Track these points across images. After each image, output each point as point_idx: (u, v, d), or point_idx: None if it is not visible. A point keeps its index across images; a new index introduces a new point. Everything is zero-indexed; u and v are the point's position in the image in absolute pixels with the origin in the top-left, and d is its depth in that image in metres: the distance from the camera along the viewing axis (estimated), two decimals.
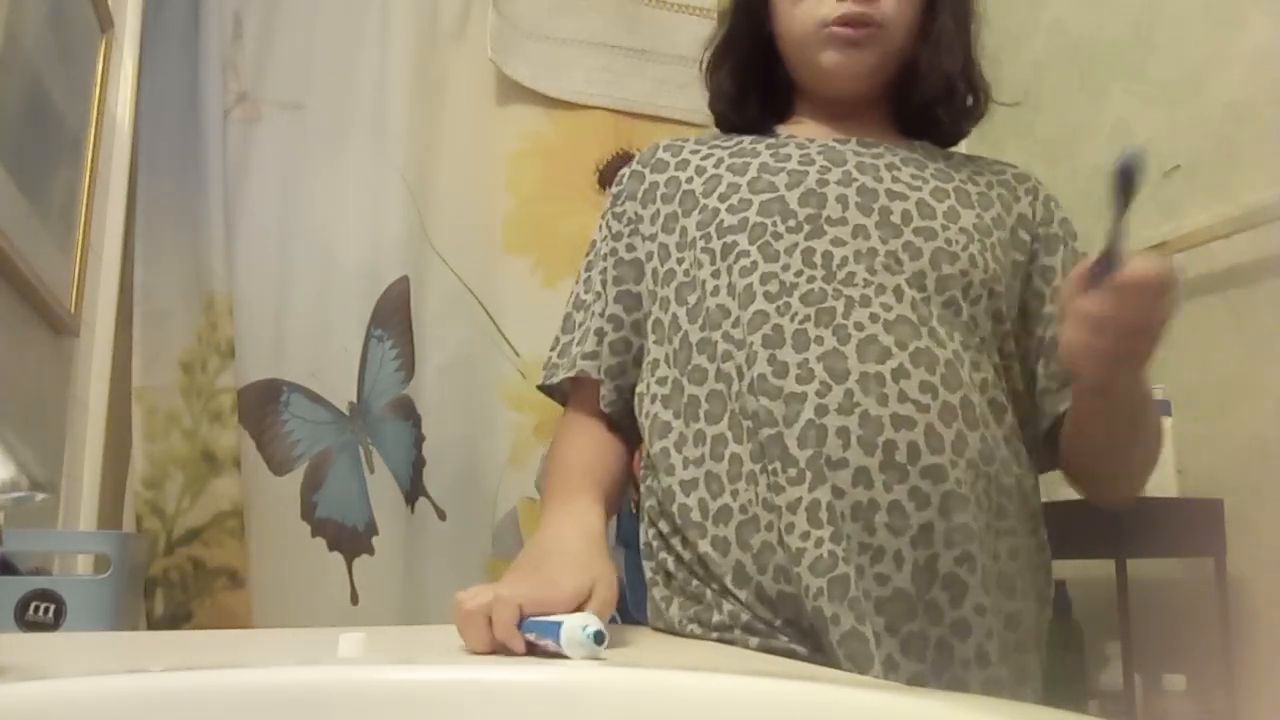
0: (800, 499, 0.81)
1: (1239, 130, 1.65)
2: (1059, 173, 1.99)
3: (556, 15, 2.05)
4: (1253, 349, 1.60)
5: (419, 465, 1.81)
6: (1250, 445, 1.59)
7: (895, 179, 0.93)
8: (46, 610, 1.01)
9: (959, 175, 0.96)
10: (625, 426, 1.00)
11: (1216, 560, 1.57)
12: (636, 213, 1.00)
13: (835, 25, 0.92)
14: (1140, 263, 0.70)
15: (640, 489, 0.97)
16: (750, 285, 0.88)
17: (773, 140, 0.99)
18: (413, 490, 1.79)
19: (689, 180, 0.97)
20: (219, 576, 1.65)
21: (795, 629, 0.83)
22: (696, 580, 0.88)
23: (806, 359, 0.84)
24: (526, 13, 2.02)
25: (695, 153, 1.00)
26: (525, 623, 0.65)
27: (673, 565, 0.90)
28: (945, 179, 0.95)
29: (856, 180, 0.92)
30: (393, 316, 1.83)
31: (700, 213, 0.94)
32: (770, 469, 0.83)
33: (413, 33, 1.93)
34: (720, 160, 0.97)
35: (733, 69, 1.03)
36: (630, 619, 0.99)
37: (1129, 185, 0.68)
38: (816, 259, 0.88)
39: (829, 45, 0.94)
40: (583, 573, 0.75)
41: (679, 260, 0.94)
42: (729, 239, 0.91)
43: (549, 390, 1.03)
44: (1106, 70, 1.92)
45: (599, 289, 1.00)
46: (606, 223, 1.03)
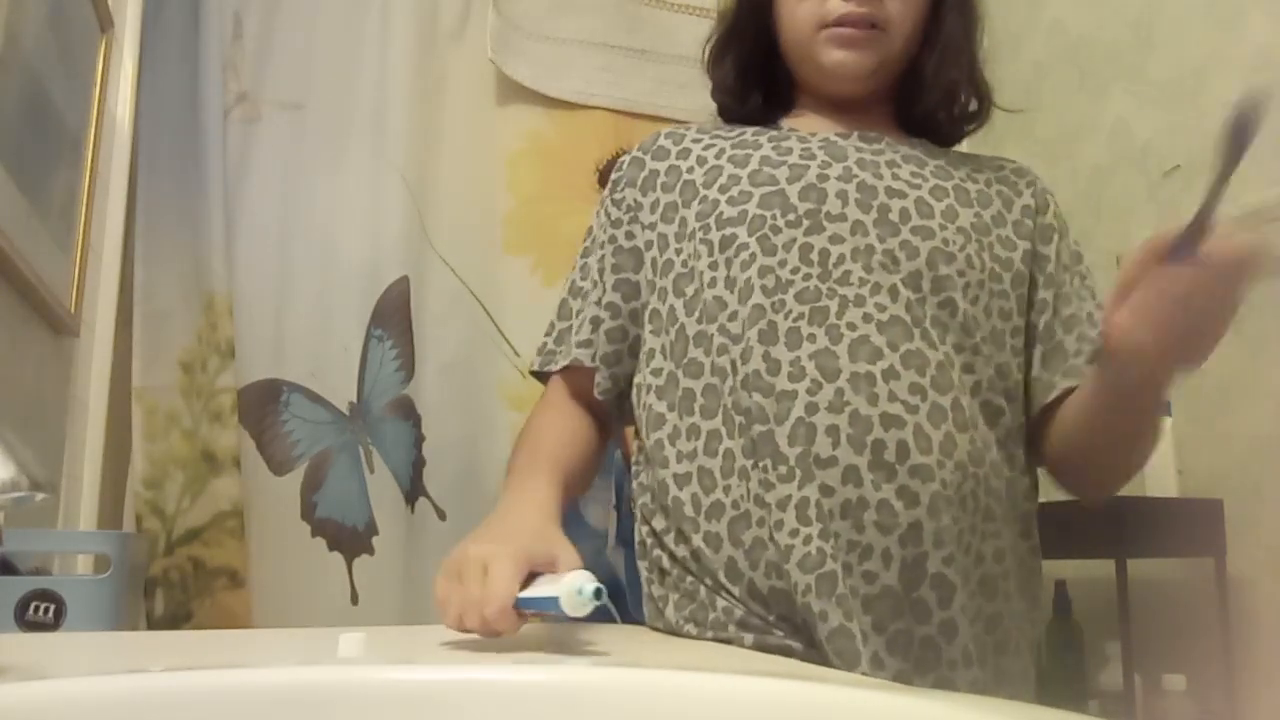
0: (790, 496, 0.81)
1: None
2: (1059, 173, 1.99)
3: (556, 15, 2.05)
4: (1253, 349, 1.60)
5: (419, 465, 1.81)
6: (1250, 445, 1.59)
7: (895, 176, 0.92)
8: (46, 610, 1.01)
9: (958, 173, 0.96)
10: (609, 416, 1.00)
11: (1216, 560, 1.57)
12: (636, 200, 0.99)
13: (837, 25, 0.92)
14: (1233, 237, 0.60)
15: (634, 484, 0.97)
16: (749, 278, 0.88)
17: (775, 133, 0.98)
18: (413, 490, 1.79)
19: (690, 170, 0.97)
20: (219, 576, 1.65)
21: (789, 624, 0.83)
22: (691, 576, 0.88)
23: (799, 357, 0.84)
24: (526, 13, 2.02)
25: (697, 142, 0.99)
26: (526, 599, 0.65)
27: (667, 562, 0.90)
28: (944, 177, 0.94)
29: (857, 176, 0.91)
30: (393, 316, 1.83)
31: (700, 203, 0.94)
32: (761, 465, 0.83)
33: (413, 33, 1.93)
34: (722, 151, 0.97)
35: (735, 62, 1.02)
36: (630, 619, 0.99)
37: (1241, 145, 0.57)
38: (814, 255, 0.88)
39: (830, 44, 0.93)
40: (544, 544, 0.74)
41: (677, 250, 0.94)
42: (728, 231, 0.90)
43: (542, 377, 1.02)
44: (1106, 70, 1.92)
45: (596, 276, 0.99)
46: (605, 209, 1.02)
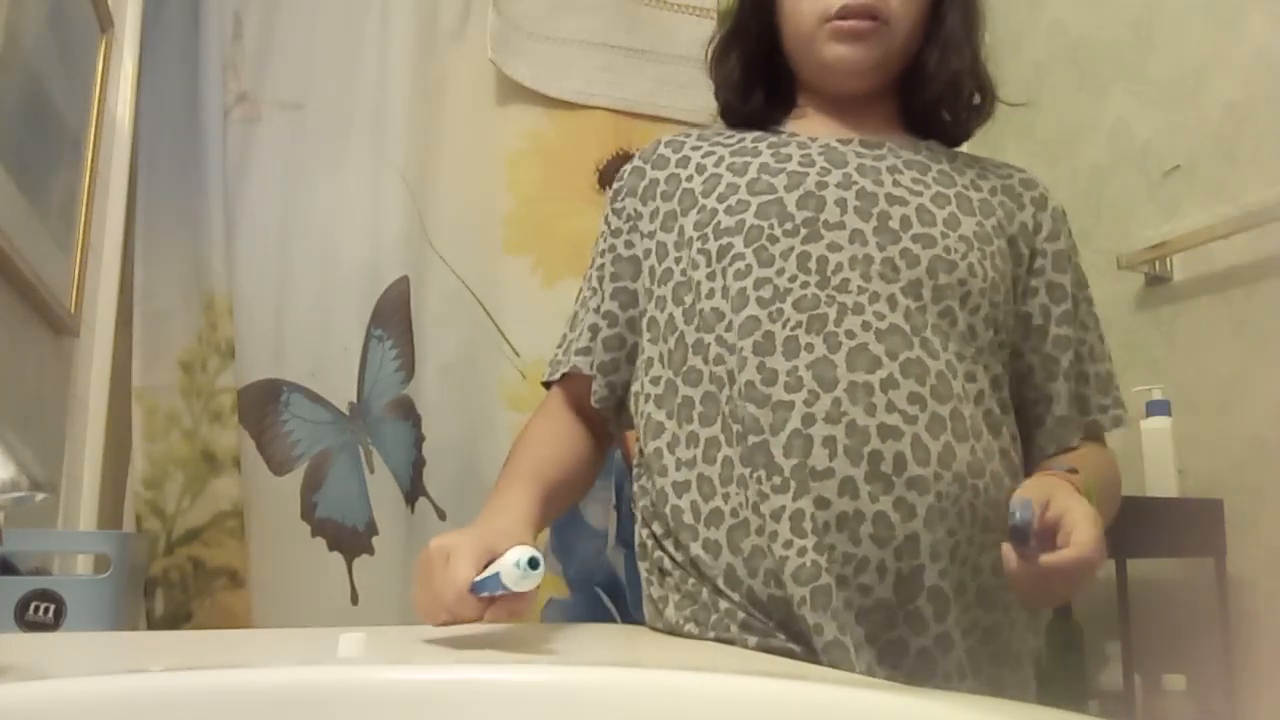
0: (784, 508, 0.81)
1: (1239, 130, 1.65)
2: (1059, 173, 1.99)
3: (556, 15, 2.05)
4: (1253, 349, 1.60)
5: (419, 465, 1.81)
6: (1250, 445, 1.59)
7: (896, 183, 0.91)
8: (46, 610, 1.00)
9: (962, 180, 0.95)
10: (606, 423, 1.00)
11: (1216, 560, 1.57)
12: (636, 209, 0.99)
13: (839, 17, 0.92)
14: (1067, 551, 0.73)
15: (635, 488, 0.97)
16: (744, 289, 0.87)
17: (774, 139, 0.98)
18: (413, 490, 1.79)
19: (689, 179, 0.97)
20: (219, 576, 1.64)
21: (789, 631, 0.82)
22: (692, 580, 0.87)
23: (796, 366, 0.83)
24: (526, 13, 2.02)
25: (696, 149, 0.99)
26: (479, 581, 0.68)
27: (668, 564, 0.90)
28: (948, 183, 0.93)
29: (857, 183, 0.90)
30: (393, 316, 1.83)
31: (699, 212, 0.93)
32: (756, 477, 0.83)
33: (413, 33, 1.93)
34: (721, 159, 0.96)
35: (739, 60, 1.02)
36: (630, 619, 0.99)
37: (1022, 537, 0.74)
38: (811, 264, 0.87)
39: (833, 38, 0.93)
40: (508, 540, 0.73)
41: (676, 260, 0.94)
42: (725, 241, 0.90)
43: (548, 386, 1.03)
44: (1106, 70, 1.92)
45: (596, 285, 1.00)
46: (606, 219, 1.03)
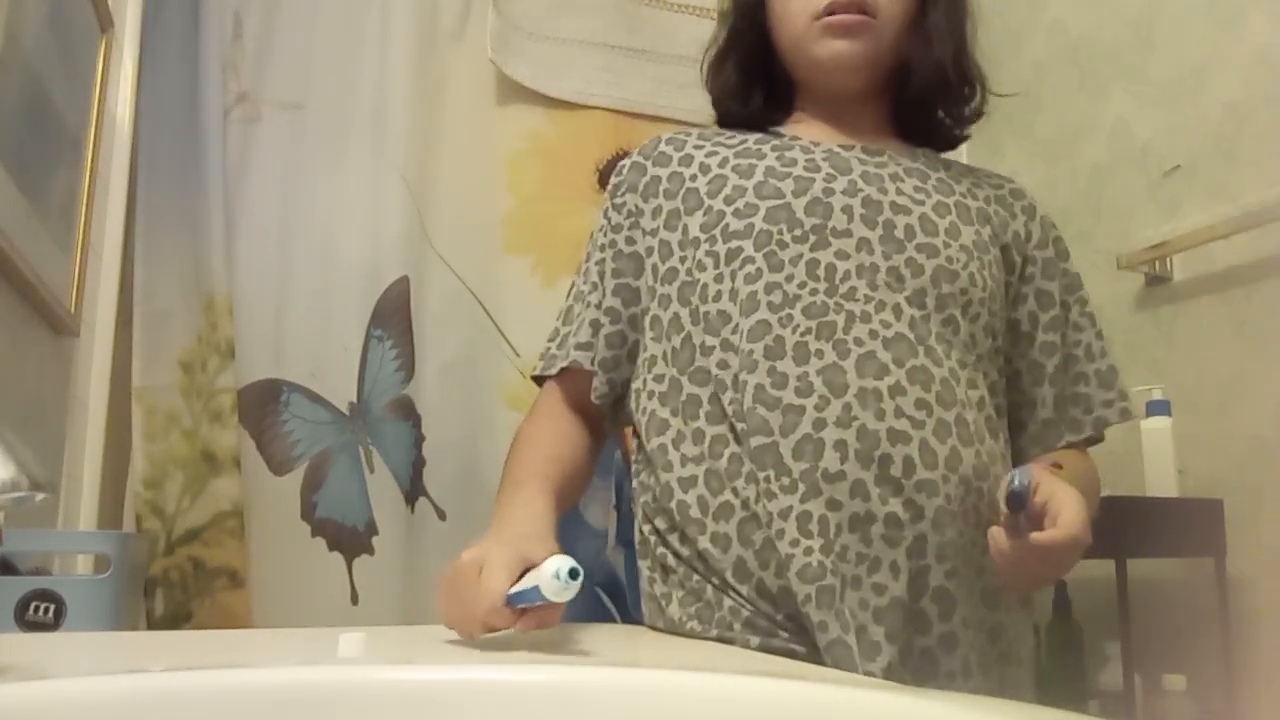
0: (791, 508, 0.82)
1: (1239, 130, 1.65)
2: (1059, 173, 1.99)
3: (556, 15, 2.05)
4: (1253, 349, 1.60)
5: (419, 465, 1.81)
6: (1250, 445, 1.59)
7: (899, 191, 0.92)
8: (46, 610, 1.00)
9: (959, 188, 0.96)
10: (604, 420, 1.00)
11: (1216, 560, 1.57)
12: (637, 205, 0.99)
13: (829, 13, 0.92)
14: (1055, 530, 0.74)
15: (634, 484, 0.97)
16: (754, 293, 0.88)
17: (777, 141, 0.98)
18: (413, 490, 1.79)
19: (693, 178, 0.96)
20: (219, 576, 1.64)
21: (796, 624, 0.83)
22: (697, 576, 0.88)
23: (806, 372, 0.84)
24: (526, 13, 2.02)
25: (699, 148, 0.99)
26: (516, 594, 0.66)
27: (672, 561, 0.90)
28: (947, 192, 0.95)
29: (862, 191, 0.91)
30: (393, 316, 1.83)
31: (705, 214, 0.94)
32: (764, 476, 0.83)
33: (413, 33, 1.93)
34: (725, 160, 0.97)
35: (736, 67, 1.03)
36: (630, 619, 0.99)
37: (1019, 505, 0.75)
38: (820, 271, 0.88)
39: (825, 35, 0.93)
40: (538, 547, 0.73)
41: (681, 259, 0.94)
42: (734, 244, 0.90)
43: (542, 381, 1.02)
44: (1106, 70, 1.92)
45: (596, 280, 1.00)
46: (606, 214, 1.02)
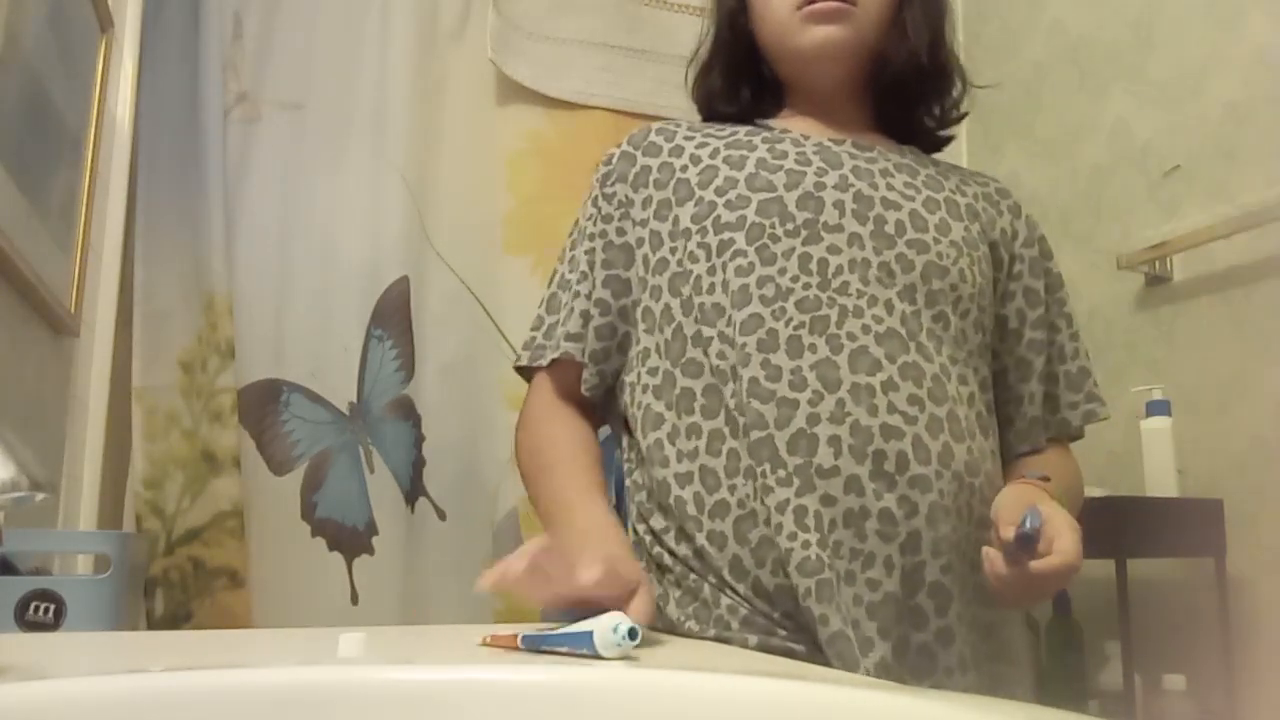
0: (788, 501, 0.82)
1: (1239, 130, 1.65)
2: (1059, 173, 1.99)
3: (556, 15, 2.05)
4: (1253, 349, 1.60)
5: (419, 465, 1.81)
6: (1250, 445, 1.59)
7: (890, 186, 0.93)
8: (46, 610, 1.00)
9: (948, 184, 0.97)
10: (597, 410, 1.00)
11: (1216, 560, 1.57)
12: (627, 195, 0.98)
13: (809, 3, 0.93)
14: (1054, 557, 0.75)
15: (628, 481, 0.97)
16: (746, 286, 0.88)
17: (768, 134, 0.98)
18: (413, 490, 1.79)
19: (683, 168, 0.96)
20: (219, 576, 1.64)
21: (794, 622, 0.83)
22: (694, 574, 0.87)
23: (800, 366, 0.84)
24: (526, 13, 2.02)
25: (689, 139, 0.99)
26: (548, 636, 0.63)
27: (668, 560, 0.90)
28: (936, 188, 0.95)
29: (853, 186, 0.92)
30: (393, 316, 1.83)
31: (696, 204, 0.93)
32: (761, 470, 0.83)
33: (413, 33, 1.93)
34: (716, 150, 0.96)
35: (722, 70, 1.03)
36: None
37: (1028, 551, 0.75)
38: (812, 265, 0.88)
39: (809, 23, 0.94)
40: (632, 571, 0.77)
41: (672, 250, 0.94)
42: (725, 236, 0.90)
43: (527, 371, 1.01)
44: (1106, 70, 1.92)
45: (585, 269, 0.98)
46: (595, 203, 1.01)
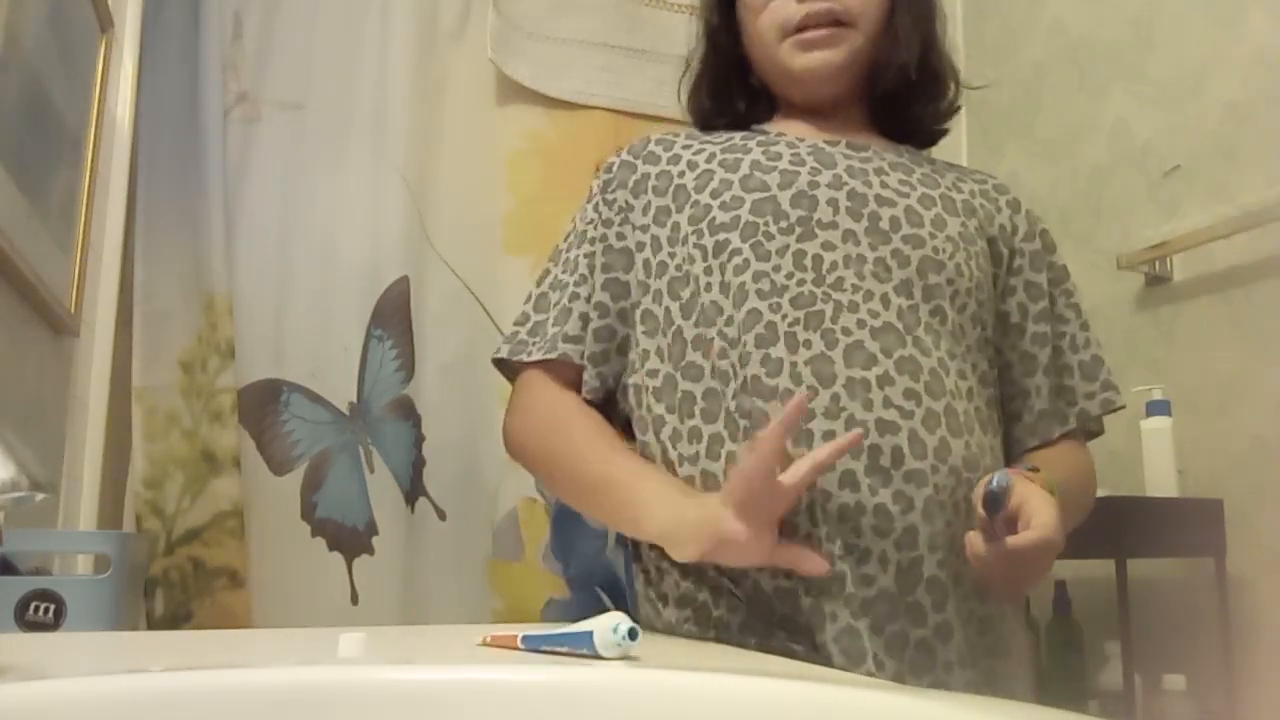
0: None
1: (1239, 130, 1.65)
2: (1059, 173, 1.99)
3: (556, 15, 2.05)
4: (1253, 349, 1.60)
5: (419, 465, 1.81)
6: (1250, 445, 1.59)
7: (884, 184, 0.93)
8: (46, 610, 1.00)
9: (944, 182, 0.97)
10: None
11: (1216, 560, 1.57)
12: (628, 201, 0.99)
13: (800, 30, 0.94)
14: (1028, 532, 0.76)
15: None
16: (743, 284, 0.88)
17: (763, 137, 0.99)
18: (413, 490, 1.79)
19: (680, 175, 0.97)
20: (219, 576, 1.64)
21: (791, 625, 0.83)
22: (692, 577, 0.88)
23: (795, 361, 0.85)
24: (526, 13, 2.02)
25: (687, 147, 1.00)
26: (548, 636, 0.63)
27: (667, 564, 0.90)
28: (931, 185, 0.96)
29: (847, 184, 0.92)
30: (393, 316, 1.83)
31: (692, 208, 0.94)
32: None
33: (413, 33, 1.93)
34: (712, 155, 0.97)
35: (709, 90, 1.04)
36: (631, 619, 0.99)
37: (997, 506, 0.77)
38: (807, 262, 0.88)
39: (798, 49, 0.95)
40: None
41: (670, 254, 0.94)
42: (721, 236, 0.91)
43: (507, 365, 1.01)
44: (1106, 70, 1.92)
45: (585, 272, 0.98)
46: (595, 208, 1.01)
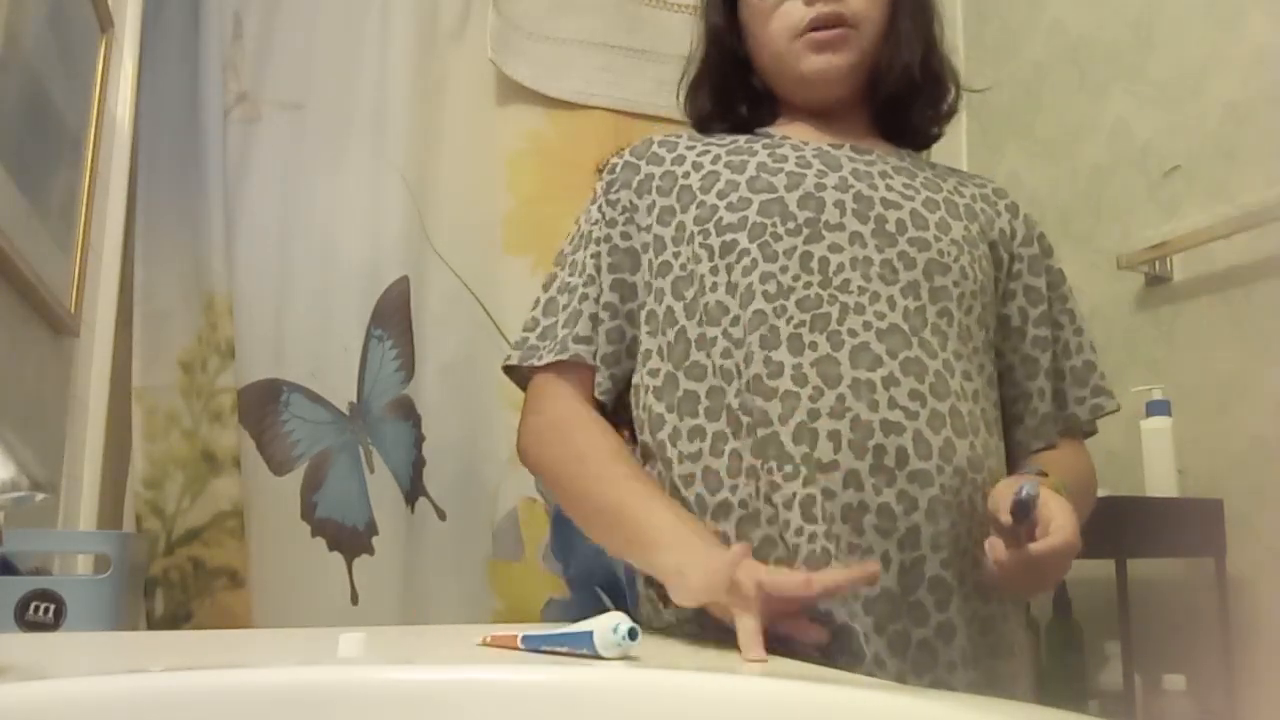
0: (795, 494, 0.82)
1: (1239, 130, 1.65)
2: (1059, 173, 1.99)
3: (556, 15, 2.05)
4: (1253, 349, 1.60)
5: (419, 465, 1.81)
6: (1250, 445, 1.59)
7: (889, 187, 0.94)
8: (46, 610, 1.00)
9: (946, 186, 0.98)
10: (607, 415, 0.99)
11: (1216, 560, 1.57)
12: (632, 202, 0.99)
13: (809, 31, 0.94)
14: (1050, 537, 0.75)
15: None
16: (750, 284, 0.89)
17: (768, 140, 0.99)
18: (413, 490, 1.79)
19: (685, 175, 0.97)
20: (219, 576, 1.64)
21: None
22: None
23: (800, 363, 0.85)
24: (526, 13, 2.02)
25: (691, 148, 1.00)
26: (548, 636, 0.63)
27: None
28: (934, 189, 0.96)
29: (853, 186, 0.93)
30: (393, 316, 1.83)
31: (698, 208, 0.94)
32: (767, 468, 0.84)
33: (413, 33, 1.93)
34: (717, 157, 0.98)
35: (711, 92, 1.04)
36: (631, 619, 0.99)
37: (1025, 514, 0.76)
38: (814, 264, 0.89)
39: (808, 50, 0.95)
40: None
41: (675, 254, 0.95)
42: (728, 237, 0.91)
43: (518, 371, 1.00)
44: (1106, 70, 1.92)
45: (592, 273, 0.98)
46: (600, 209, 1.01)
